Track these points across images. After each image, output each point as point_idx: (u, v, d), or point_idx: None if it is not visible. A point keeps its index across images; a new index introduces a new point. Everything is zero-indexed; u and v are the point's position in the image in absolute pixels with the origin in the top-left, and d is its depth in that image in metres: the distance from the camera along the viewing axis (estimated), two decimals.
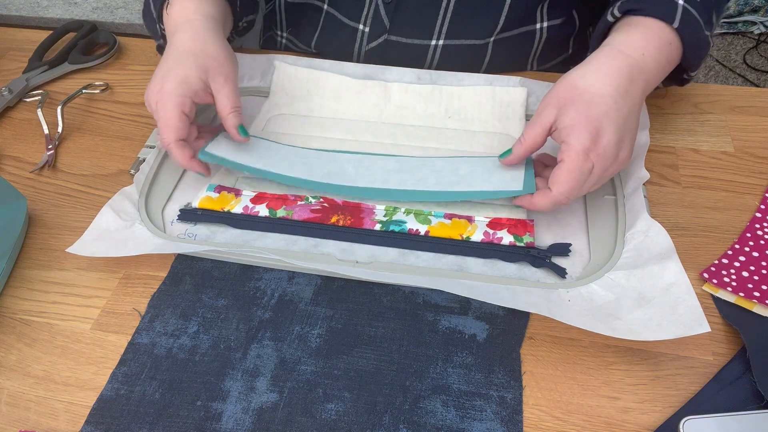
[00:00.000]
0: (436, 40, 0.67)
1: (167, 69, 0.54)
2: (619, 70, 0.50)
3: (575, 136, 0.47)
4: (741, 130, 0.62)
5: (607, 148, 0.47)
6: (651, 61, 0.51)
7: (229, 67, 0.56)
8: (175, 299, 0.50)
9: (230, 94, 0.55)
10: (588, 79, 0.49)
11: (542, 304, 0.45)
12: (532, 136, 0.51)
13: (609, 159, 0.48)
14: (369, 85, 0.65)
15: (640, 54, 0.51)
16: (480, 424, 0.42)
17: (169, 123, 0.52)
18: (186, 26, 0.56)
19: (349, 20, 0.69)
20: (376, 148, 0.60)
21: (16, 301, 0.51)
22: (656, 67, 0.52)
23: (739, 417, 0.40)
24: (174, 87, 0.52)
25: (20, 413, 0.44)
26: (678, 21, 0.52)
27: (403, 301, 0.49)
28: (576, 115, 0.48)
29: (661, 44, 0.52)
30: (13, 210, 0.54)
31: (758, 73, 1.97)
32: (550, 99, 0.50)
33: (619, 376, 0.44)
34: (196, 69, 0.53)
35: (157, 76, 0.54)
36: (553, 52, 0.71)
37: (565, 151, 0.48)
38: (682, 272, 0.46)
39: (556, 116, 0.49)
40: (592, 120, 0.47)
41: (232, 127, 0.55)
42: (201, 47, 0.55)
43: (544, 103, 0.51)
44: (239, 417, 0.43)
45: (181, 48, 0.55)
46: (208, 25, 0.57)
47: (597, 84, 0.49)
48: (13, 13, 1.08)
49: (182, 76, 0.53)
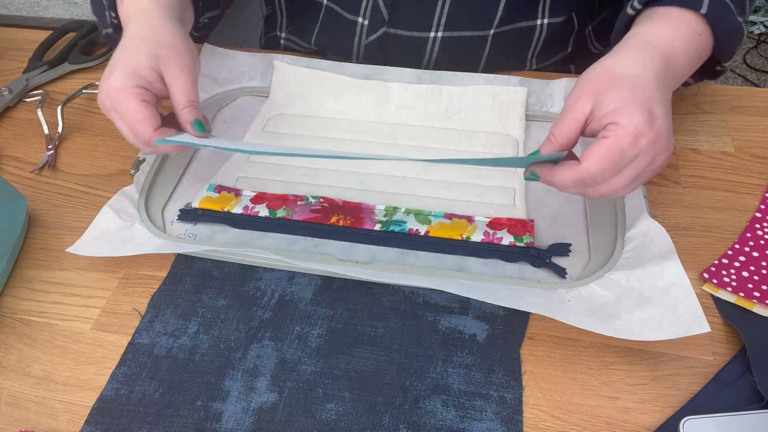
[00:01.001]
0: (435, 32, 0.67)
1: (115, 62, 0.49)
2: (652, 59, 0.44)
3: (627, 114, 0.41)
4: (741, 130, 0.62)
5: (661, 132, 0.41)
6: (680, 54, 0.47)
7: (186, 57, 0.50)
8: (175, 299, 0.50)
9: (185, 86, 0.49)
10: (622, 65, 0.44)
11: (542, 304, 0.45)
12: (565, 132, 0.44)
13: (661, 145, 0.42)
14: (369, 85, 0.65)
15: (669, 46, 0.46)
16: (480, 424, 0.42)
17: (137, 117, 0.47)
18: (139, 15, 0.52)
19: (349, 14, 0.69)
20: (376, 148, 0.60)
21: (16, 301, 0.51)
22: (686, 60, 0.47)
23: (739, 417, 0.40)
24: (124, 79, 0.47)
25: (20, 413, 0.44)
26: (706, 6, 0.47)
27: (403, 301, 0.49)
28: (622, 96, 0.41)
29: (690, 35, 0.47)
30: (13, 210, 0.54)
31: (758, 73, 1.97)
32: (582, 89, 0.44)
33: (619, 376, 0.44)
34: (146, 58, 0.48)
35: (106, 72, 0.49)
36: (553, 49, 0.71)
37: (612, 129, 0.41)
38: (682, 272, 0.46)
39: (593, 106, 0.43)
40: (642, 101, 0.41)
41: (186, 123, 0.50)
42: (153, 35, 0.50)
43: (576, 94, 0.44)
44: (239, 417, 0.43)
45: (129, 39, 0.50)
46: (163, 13, 0.52)
47: (634, 68, 0.43)
48: (13, 13, 1.08)
49: (131, 67, 0.48)
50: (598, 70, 0.45)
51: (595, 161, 0.41)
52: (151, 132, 0.48)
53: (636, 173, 0.42)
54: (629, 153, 0.41)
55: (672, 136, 0.43)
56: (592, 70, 0.45)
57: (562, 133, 0.44)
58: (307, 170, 0.59)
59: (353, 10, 0.68)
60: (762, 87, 1.42)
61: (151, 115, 0.48)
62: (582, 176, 0.42)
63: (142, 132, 0.48)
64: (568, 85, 0.63)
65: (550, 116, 0.63)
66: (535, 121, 0.63)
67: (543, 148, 0.45)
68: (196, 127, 0.50)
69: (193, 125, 0.50)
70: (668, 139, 0.42)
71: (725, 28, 0.49)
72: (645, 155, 0.41)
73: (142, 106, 0.48)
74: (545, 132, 0.61)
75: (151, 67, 0.49)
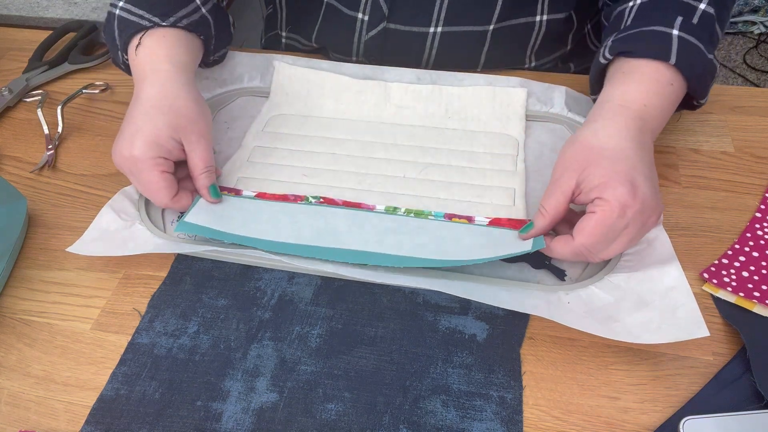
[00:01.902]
0: (435, 27, 0.67)
1: (135, 129, 0.51)
2: (627, 126, 0.47)
3: (611, 190, 0.44)
4: (741, 130, 0.62)
5: (645, 202, 0.44)
6: (654, 110, 0.49)
7: (202, 124, 0.53)
8: (175, 299, 0.50)
9: (203, 153, 0.53)
10: (601, 137, 0.46)
11: (542, 306, 0.45)
12: (554, 206, 0.47)
13: (649, 210, 0.44)
14: (369, 85, 0.65)
15: (642, 106, 0.48)
16: (480, 424, 0.42)
17: (155, 187, 0.51)
18: (154, 77, 0.53)
19: (349, 9, 0.69)
20: (376, 148, 0.60)
21: (16, 301, 0.51)
22: (660, 114, 0.50)
23: (739, 417, 0.40)
24: (145, 150, 0.50)
25: (20, 413, 0.44)
26: (674, 56, 0.49)
27: (403, 301, 0.49)
28: (604, 172, 0.44)
29: (660, 88, 0.49)
30: (13, 210, 0.54)
31: (758, 73, 1.97)
32: (566, 164, 0.47)
33: (619, 376, 0.44)
34: (166, 128, 0.51)
35: (124, 136, 0.51)
36: (552, 46, 0.71)
37: (599, 204, 0.44)
38: (682, 276, 0.46)
39: (577, 180, 0.46)
40: (624, 174, 0.44)
41: (203, 188, 0.54)
42: (170, 103, 0.52)
43: (560, 169, 0.47)
44: (239, 417, 0.43)
45: (148, 104, 0.52)
46: (178, 76, 0.54)
47: (612, 141, 0.46)
48: (13, 13, 1.08)
49: (152, 137, 0.50)
50: (579, 144, 0.47)
51: (587, 236, 0.44)
52: (168, 200, 0.52)
53: (630, 238, 0.45)
54: (619, 225, 0.44)
55: (658, 196, 0.46)
56: (573, 143, 0.48)
57: (551, 206, 0.47)
58: (307, 170, 0.59)
59: (353, 5, 0.68)
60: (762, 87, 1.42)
61: (169, 185, 0.52)
62: (578, 250, 0.45)
63: (160, 199, 0.52)
64: (568, 92, 0.63)
65: (550, 116, 0.63)
66: (535, 121, 0.63)
67: (536, 220, 0.48)
68: (211, 192, 0.54)
69: (209, 190, 0.54)
70: (655, 202, 0.45)
71: (696, 73, 0.50)
72: (635, 223, 0.44)
73: (161, 177, 0.51)
74: (545, 132, 0.62)
75: (171, 137, 0.51)
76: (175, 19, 0.56)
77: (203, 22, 0.59)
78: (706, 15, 0.51)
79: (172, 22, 0.56)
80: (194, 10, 0.58)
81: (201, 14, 0.59)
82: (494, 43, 0.68)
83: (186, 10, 0.57)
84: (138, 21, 0.56)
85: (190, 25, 0.58)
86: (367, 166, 0.59)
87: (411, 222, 0.53)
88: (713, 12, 0.51)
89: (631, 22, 0.53)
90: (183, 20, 0.57)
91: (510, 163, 0.58)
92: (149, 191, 0.52)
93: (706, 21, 0.51)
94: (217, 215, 0.54)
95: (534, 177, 0.57)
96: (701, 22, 0.51)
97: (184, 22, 0.57)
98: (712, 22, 0.52)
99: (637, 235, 0.46)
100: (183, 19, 0.57)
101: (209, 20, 0.60)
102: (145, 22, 0.56)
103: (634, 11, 0.54)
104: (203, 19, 0.59)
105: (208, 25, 0.60)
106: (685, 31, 0.49)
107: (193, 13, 0.58)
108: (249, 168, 0.59)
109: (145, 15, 0.56)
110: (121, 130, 0.52)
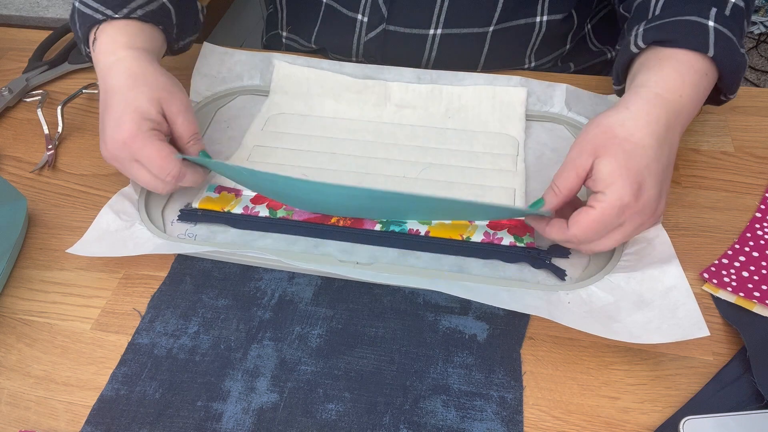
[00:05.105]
0: (435, 29, 0.67)
1: (117, 116, 0.50)
2: (658, 119, 0.46)
3: (615, 188, 0.43)
4: (741, 130, 0.62)
5: (647, 204, 0.44)
6: (688, 101, 0.48)
7: (181, 94, 0.53)
8: (175, 299, 0.50)
9: (186, 121, 0.53)
10: (628, 127, 0.45)
11: (542, 306, 0.45)
12: (567, 186, 0.46)
13: (645, 215, 0.45)
14: (369, 85, 0.65)
15: (678, 96, 0.47)
16: (480, 424, 0.42)
17: (162, 155, 0.50)
18: (118, 66, 0.53)
19: (348, 11, 0.69)
20: (376, 148, 0.60)
21: (16, 301, 0.51)
22: (693, 105, 0.48)
23: (739, 417, 0.40)
24: (136, 128, 0.49)
25: (20, 413, 0.44)
26: (713, 48, 0.47)
27: (404, 302, 0.49)
28: (617, 166, 0.44)
29: (697, 79, 0.48)
30: (13, 210, 0.54)
31: (758, 73, 1.98)
32: (584, 144, 0.46)
33: (619, 376, 0.44)
34: (148, 103, 0.51)
35: (109, 126, 0.50)
36: (551, 46, 0.71)
37: (600, 200, 0.44)
38: (682, 276, 0.46)
39: (592, 163, 0.45)
40: (635, 173, 0.44)
41: (192, 155, 0.53)
42: (144, 80, 0.52)
43: (578, 149, 0.46)
44: (239, 417, 0.43)
45: (121, 90, 0.51)
46: (141, 58, 0.53)
47: (638, 134, 0.45)
48: (13, 13, 1.08)
49: (138, 114, 0.50)
50: (602, 127, 0.46)
51: (580, 228, 0.45)
52: (178, 164, 0.51)
53: (623, 236, 0.46)
54: (614, 222, 0.44)
55: (663, 199, 0.46)
56: (597, 125, 0.46)
57: (565, 186, 0.46)
58: (307, 170, 0.59)
59: (352, 7, 0.68)
60: (762, 87, 1.42)
61: (172, 150, 0.51)
62: (569, 239, 0.46)
63: (171, 166, 0.50)
64: (568, 90, 0.63)
65: (550, 116, 0.63)
66: (535, 121, 0.63)
67: (547, 197, 0.48)
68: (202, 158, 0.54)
69: (199, 156, 0.54)
70: (655, 207, 0.45)
71: (731, 67, 0.49)
72: (631, 222, 0.45)
73: (163, 145, 0.51)
74: (545, 132, 0.62)
75: (155, 110, 0.51)
76: (128, 10, 0.55)
77: (162, 11, 0.58)
78: (737, 8, 0.50)
79: (125, 13, 0.55)
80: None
81: (160, 3, 0.58)
82: (494, 44, 0.68)
83: (142, 0, 0.56)
84: (92, 14, 0.55)
85: (146, 15, 0.56)
86: (367, 165, 0.59)
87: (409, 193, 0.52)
88: (743, 5, 0.51)
89: (661, 11, 0.51)
90: (138, 11, 0.56)
91: (510, 163, 0.58)
92: (157, 163, 0.50)
93: (737, 14, 0.50)
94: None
95: (534, 177, 0.57)
96: (733, 14, 0.49)
97: (139, 13, 0.56)
98: (742, 15, 0.51)
99: (632, 233, 0.46)
100: (137, 10, 0.56)
101: (169, 9, 0.59)
102: (99, 15, 0.55)
103: (661, 1, 0.52)
104: (162, 8, 0.58)
105: (168, 14, 0.59)
106: (720, 23, 0.48)
107: (151, 2, 0.57)
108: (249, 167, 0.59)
109: (99, 8, 0.55)
110: (102, 125, 0.52)
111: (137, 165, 0.51)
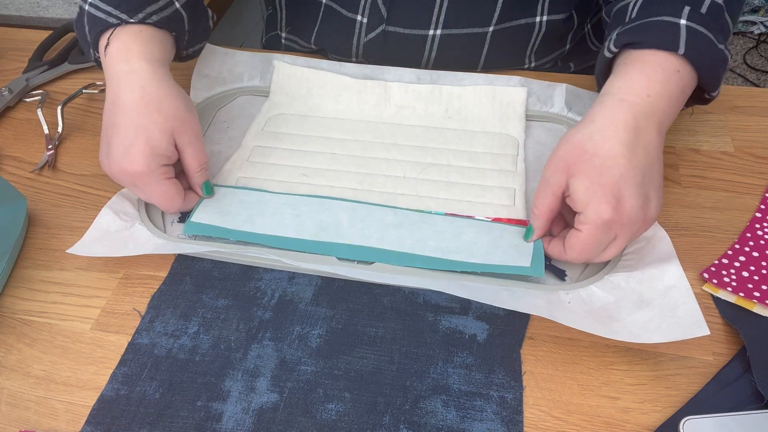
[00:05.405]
0: (434, 29, 0.67)
1: (129, 142, 0.50)
2: (625, 125, 0.45)
3: (592, 208, 0.44)
4: (741, 130, 0.62)
5: (632, 214, 0.44)
6: (659, 100, 0.47)
7: (193, 122, 0.53)
8: (176, 299, 0.50)
9: (196, 152, 0.53)
10: (596, 141, 0.45)
11: (542, 306, 0.45)
12: (546, 205, 0.47)
13: (635, 224, 0.45)
14: (369, 85, 0.65)
15: (644, 97, 0.47)
16: (480, 424, 0.42)
17: (166, 197, 0.51)
18: (132, 78, 0.51)
19: (348, 12, 0.69)
20: (376, 148, 0.60)
21: (16, 301, 0.51)
22: (667, 103, 0.48)
23: (739, 417, 0.40)
24: (147, 164, 0.49)
25: (20, 413, 0.44)
26: (683, 46, 0.47)
27: (404, 302, 0.49)
28: (589, 184, 0.44)
29: (666, 76, 0.48)
30: (13, 210, 0.54)
31: (758, 73, 1.98)
32: (556, 163, 0.47)
33: (619, 376, 0.44)
34: (160, 134, 0.50)
35: (117, 149, 0.50)
36: (551, 46, 0.71)
37: (583, 222, 0.45)
38: (682, 275, 0.46)
39: (566, 181, 0.46)
40: (609, 187, 0.44)
41: (196, 186, 0.54)
42: (157, 106, 0.51)
43: (552, 168, 0.47)
44: (239, 417, 0.43)
45: (134, 112, 0.50)
46: (156, 74, 0.52)
47: (606, 145, 0.45)
48: (13, 13, 1.08)
49: (150, 148, 0.50)
50: (572, 144, 0.46)
51: (576, 252, 0.46)
52: (180, 204, 0.53)
53: (619, 247, 0.46)
54: (604, 239, 0.45)
55: (649, 205, 0.45)
56: (567, 141, 0.47)
57: (544, 205, 0.48)
58: (307, 170, 0.59)
59: (352, 8, 0.68)
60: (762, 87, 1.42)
61: (179, 190, 0.52)
62: (569, 261, 0.48)
63: (174, 206, 0.53)
64: (568, 90, 0.63)
65: (550, 116, 0.63)
66: (535, 121, 0.63)
67: (533, 221, 0.49)
68: (204, 189, 0.55)
69: (202, 187, 0.55)
70: (643, 214, 0.45)
71: (706, 63, 0.48)
72: (623, 233, 0.45)
73: (170, 185, 0.51)
74: (545, 132, 0.62)
75: (167, 141, 0.51)
76: (144, 15, 0.54)
77: (176, 17, 0.58)
78: (715, 5, 0.50)
79: (140, 18, 0.54)
80: (167, 4, 0.56)
81: (174, 9, 0.57)
82: (494, 44, 0.68)
83: (157, 5, 0.55)
84: (105, 18, 0.54)
85: (161, 21, 0.56)
86: (367, 165, 0.59)
87: (412, 216, 0.54)
88: (722, 2, 0.50)
89: (636, 14, 0.52)
90: (153, 16, 0.55)
91: (510, 163, 0.58)
92: (161, 201, 0.52)
93: (715, 11, 0.50)
94: (221, 212, 0.54)
95: (534, 177, 0.57)
96: (710, 12, 0.49)
97: (154, 18, 0.55)
98: (722, 12, 0.50)
99: (630, 240, 0.47)
100: (153, 15, 0.55)
101: (183, 16, 0.58)
102: (113, 19, 0.54)
103: (638, 4, 0.52)
104: (176, 14, 0.57)
105: (181, 20, 0.58)
106: (693, 21, 0.48)
107: (165, 8, 0.56)
108: (249, 168, 0.59)
109: (112, 12, 0.54)
110: (108, 141, 0.51)
111: (142, 193, 0.52)
